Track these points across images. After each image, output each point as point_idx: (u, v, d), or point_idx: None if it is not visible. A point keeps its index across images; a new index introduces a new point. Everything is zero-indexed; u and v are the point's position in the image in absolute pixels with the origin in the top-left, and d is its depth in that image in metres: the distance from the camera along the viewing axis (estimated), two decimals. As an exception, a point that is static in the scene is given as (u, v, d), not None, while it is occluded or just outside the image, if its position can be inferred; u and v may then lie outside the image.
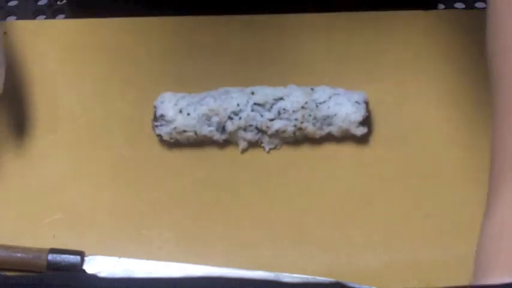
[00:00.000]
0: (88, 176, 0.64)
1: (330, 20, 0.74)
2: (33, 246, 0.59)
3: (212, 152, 0.65)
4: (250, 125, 0.63)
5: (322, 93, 0.63)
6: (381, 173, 0.63)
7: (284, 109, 0.62)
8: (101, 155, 0.65)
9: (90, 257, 0.58)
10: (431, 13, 0.74)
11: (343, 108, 0.63)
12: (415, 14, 0.74)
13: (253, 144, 0.65)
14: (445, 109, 0.66)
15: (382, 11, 0.74)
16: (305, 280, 0.56)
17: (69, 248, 0.59)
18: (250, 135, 0.63)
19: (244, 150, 0.65)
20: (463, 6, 0.80)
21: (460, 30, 0.72)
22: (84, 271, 0.58)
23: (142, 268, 0.58)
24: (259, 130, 0.63)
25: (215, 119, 0.63)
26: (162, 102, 0.64)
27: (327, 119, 0.63)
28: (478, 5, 0.79)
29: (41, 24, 0.76)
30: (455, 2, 0.80)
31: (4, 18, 0.80)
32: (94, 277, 0.57)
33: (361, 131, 0.63)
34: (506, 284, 0.55)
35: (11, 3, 0.83)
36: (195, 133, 0.63)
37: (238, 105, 0.63)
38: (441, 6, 0.80)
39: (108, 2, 0.72)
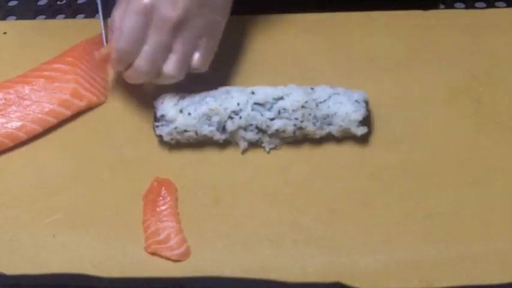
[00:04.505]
0: (88, 176, 0.64)
1: (330, 20, 0.74)
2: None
3: (212, 152, 0.65)
4: (251, 125, 0.63)
5: (322, 92, 0.63)
6: (381, 173, 0.63)
7: (284, 108, 0.62)
8: (101, 155, 0.65)
9: None
10: (431, 13, 0.74)
11: (343, 107, 0.63)
12: (415, 14, 0.74)
13: (254, 144, 0.65)
14: (445, 109, 0.66)
15: (382, 11, 0.74)
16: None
17: (68, 248, 0.59)
18: (250, 135, 0.63)
19: (244, 151, 0.65)
20: (463, 6, 0.80)
21: (460, 30, 0.72)
22: None
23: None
24: (260, 129, 0.63)
25: (215, 119, 0.63)
26: (162, 103, 0.64)
27: (327, 118, 0.63)
28: (478, 5, 0.79)
29: (41, 24, 0.76)
30: (455, 2, 0.80)
31: (4, 18, 0.80)
32: (94, 277, 0.57)
33: (361, 130, 0.63)
34: (506, 284, 0.56)
35: (11, 3, 0.83)
36: (196, 133, 0.63)
37: (238, 104, 0.63)
38: (441, 6, 0.80)
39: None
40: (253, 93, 0.63)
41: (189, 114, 0.63)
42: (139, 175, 0.64)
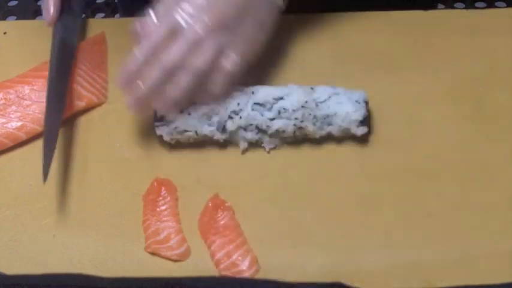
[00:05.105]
0: (88, 176, 0.64)
1: (330, 20, 0.74)
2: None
3: (212, 152, 0.65)
4: (251, 124, 0.63)
5: (322, 92, 0.63)
6: (381, 173, 0.63)
7: (284, 108, 0.62)
8: (101, 155, 0.65)
9: None
10: (431, 13, 0.74)
11: (343, 107, 0.63)
12: (415, 14, 0.74)
13: (254, 144, 0.65)
14: (445, 109, 0.66)
15: (382, 11, 0.74)
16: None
17: (68, 248, 0.59)
18: (250, 135, 0.63)
19: (244, 151, 0.65)
20: (463, 6, 0.80)
21: (460, 30, 0.72)
22: None
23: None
24: (260, 129, 0.63)
25: (215, 119, 0.63)
26: (162, 102, 0.64)
27: (327, 118, 0.63)
28: (478, 4, 0.79)
29: (41, 24, 0.76)
30: (455, 2, 0.80)
31: (4, 18, 0.80)
32: (94, 277, 0.57)
33: (361, 130, 0.63)
34: (506, 284, 0.56)
35: (11, 3, 0.83)
36: (196, 133, 0.63)
37: (238, 104, 0.63)
38: (441, 6, 0.80)
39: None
40: (253, 93, 0.63)
41: (189, 114, 0.63)
42: (139, 175, 0.64)
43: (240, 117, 0.63)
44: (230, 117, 0.63)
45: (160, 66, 0.60)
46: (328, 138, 0.64)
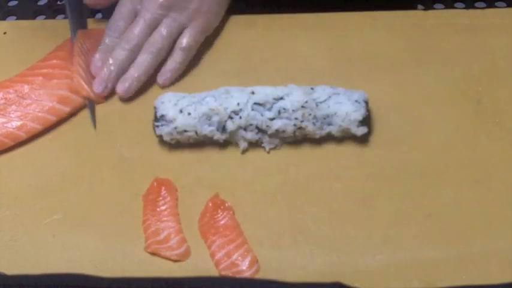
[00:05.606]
0: (88, 176, 0.64)
1: (330, 20, 0.74)
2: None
3: (212, 152, 0.65)
4: (251, 125, 0.63)
5: (322, 92, 0.63)
6: (381, 173, 0.63)
7: (284, 108, 0.62)
8: (101, 155, 0.65)
9: None
10: (431, 13, 0.74)
11: (343, 107, 0.63)
12: (415, 14, 0.74)
13: (254, 144, 0.65)
14: (445, 109, 0.66)
15: (381, 11, 0.74)
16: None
17: (68, 248, 0.59)
18: (250, 135, 0.63)
19: (244, 151, 0.65)
20: (463, 6, 0.80)
21: (460, 30, 0.72)
22: None
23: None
24: (260, 129, 0.63)
25: (215, 119, 0.63)
26: (162, 103, 0.64)
27: (327, 118, 0.63)
28: (478, 4, 0.79)
29: (41, 24, 0.76)
30: (455, 2, 0.80)
31: (4, 18, 0.80)
32: (94, 277, 0.57)
33: (361, 130, 0.63)
34: (506, 284, 0.56)
35: (11, 3, 0.83)
36: (196, 133, 0.63)
37: (238, 104, 0.63)
38: (441, 6, 0.80)
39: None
40: (253, 93, 0.63)
41: (189, 114, 0.63)
42: (139, 175, 0.64)
43: (240, 117, 0.63)
44: (230, 117, 0.63)
45: (123, 47, 0.68)
46: (328, 138, 0.64)
